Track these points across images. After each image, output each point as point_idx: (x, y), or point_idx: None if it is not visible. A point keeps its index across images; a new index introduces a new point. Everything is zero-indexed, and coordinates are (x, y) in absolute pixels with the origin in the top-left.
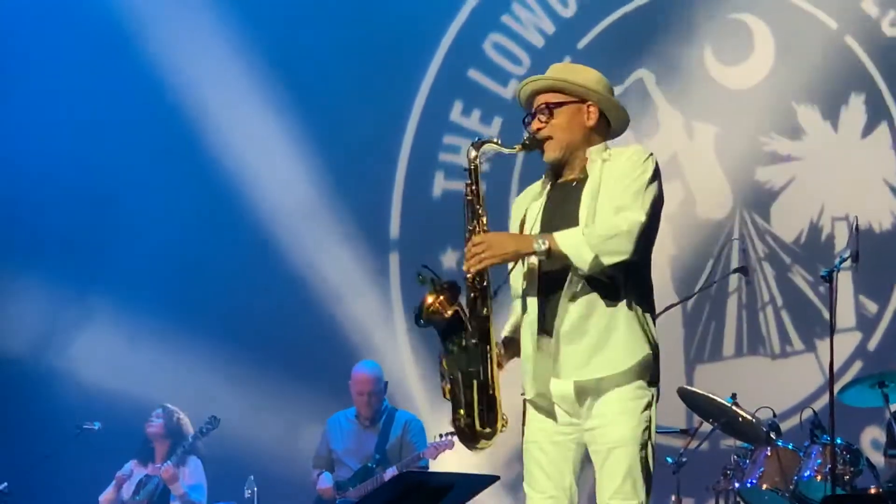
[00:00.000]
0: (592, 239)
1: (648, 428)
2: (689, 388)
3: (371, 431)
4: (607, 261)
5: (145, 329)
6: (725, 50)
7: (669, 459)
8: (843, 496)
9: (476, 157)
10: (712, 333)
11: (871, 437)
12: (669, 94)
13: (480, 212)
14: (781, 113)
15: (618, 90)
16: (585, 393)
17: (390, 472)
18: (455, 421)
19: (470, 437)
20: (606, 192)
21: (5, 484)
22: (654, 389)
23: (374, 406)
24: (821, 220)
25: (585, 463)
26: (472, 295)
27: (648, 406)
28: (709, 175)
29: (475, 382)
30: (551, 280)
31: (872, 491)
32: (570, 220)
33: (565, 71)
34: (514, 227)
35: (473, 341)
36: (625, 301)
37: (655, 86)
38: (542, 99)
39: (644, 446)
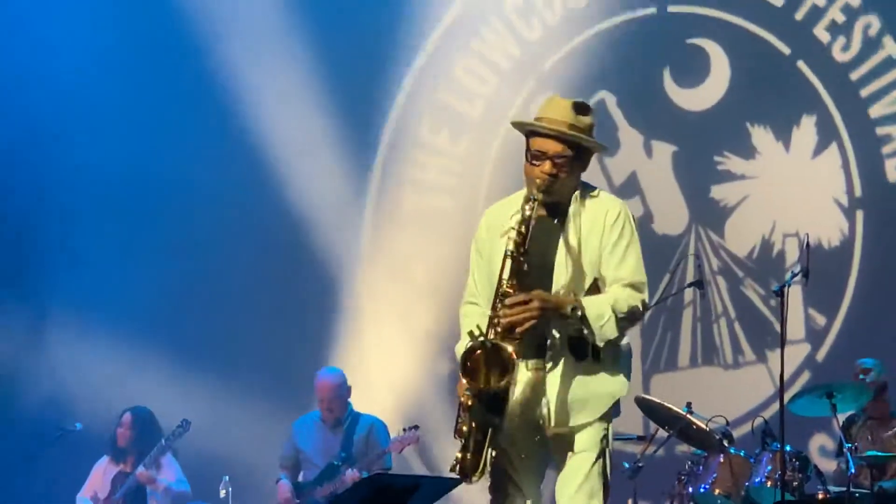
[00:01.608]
0: (619, 314)
1: (606, 436)
2: (645, 396)
3: (336, 433)
4: (622, 333)
5: (120, 333)
6: (683, 73)
7: (626, 465)
8: (792, 502)
9: (530, 216)
10: (668, 344)
11: (818, 445)
12: (629, 115)
13: (524, 265)
14: (736, 133)
15: None
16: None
17: (355, 471)
18: (461, 461)
19: (469, 474)
20: (608, 258)
21: None
22: (614, 406)
23: (338, 411)
24: (773, 236)
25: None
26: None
27: (608, 418)
28: (666, 192)
29: (490, 433)
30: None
31: (820, 496)
32: (547, 265)
33: (579, 119)
34: (485, 236)
35: (502, 397)
36: (606, 350)
37: (616, 107)
38: (560, 149)
39: (602, 454)
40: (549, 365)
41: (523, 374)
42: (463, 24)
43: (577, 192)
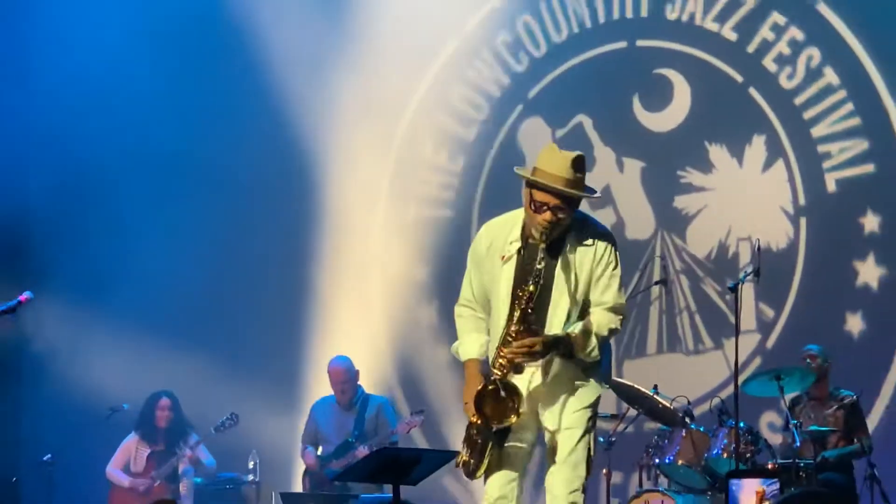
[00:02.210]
0: (601, 338)
1: (592, 418)
2: (618, 379)
3: (350, 413)
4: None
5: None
6: (650, 99)
7: (602, 439)
8: (744, 471)
9: (542, 271)
10: (638, 334)
11: (768, 421)
12: (604, 136)
13: (530, 314)
14: (696, 151)
15: (560, 132)
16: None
17: (367, 447)
18: (466, 464)
19: (472, 473)
20: (595, 286)
21: (49, 455)
22: (598, 397)
23: (350, 392)
24: (728, 240)
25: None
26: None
27: (594, 408)
28: (635, 202)
29: (490, 442)
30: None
31: (769, 466)
32: (546, 295)
33: (575, 175)
34: (484, 252)
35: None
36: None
37: (592, 129)
38: (559, 202)
39: (588, 433)
40: (542, 364)
41: (528, 371)
42: (459, 58)
43: (572, 227)
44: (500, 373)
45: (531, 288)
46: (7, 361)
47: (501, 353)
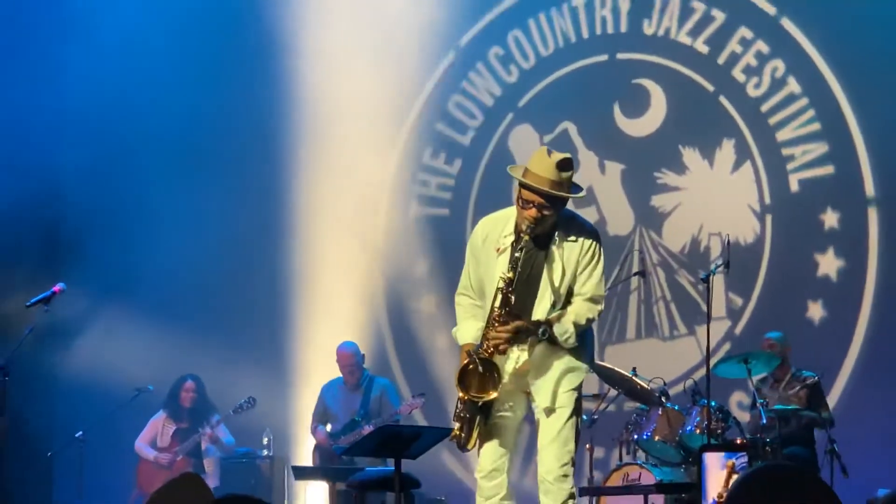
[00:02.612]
0: (579, 327)
1: (579, 399)
2: (600, 362)
3: (356, 394)
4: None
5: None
6: (629, 107)
7: (585, 417)
8: (715, 445)
9: (519, 259)
10: (618, 321)
11: (737, 401)
12: (587, 140)
13: (511, 298)
14: (671, 154)
15: (548, 138)
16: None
17: (372, 425)
18: (457, 437)
19: (463, 446)
20: (578, 277)
21: (81, 432)
22: (583, 380)
23: (356, 374)
24: (700, 235)
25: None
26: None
27: (580, 389)
28: (616, 201)
29: (477, 418)
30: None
31: (738, 441)
32: (534, 284)
33: (562, 176)
34: (480, 245)
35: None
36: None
37: (577, 134)
38: (540, 200)
39: (575, 412)
40: (529, 346)
41: (514, 352)
42: (456, 70)
43: (560, 223)
44: (486, 353)
45: (510, 274)
46: (42, 347)
47: (487, 336)
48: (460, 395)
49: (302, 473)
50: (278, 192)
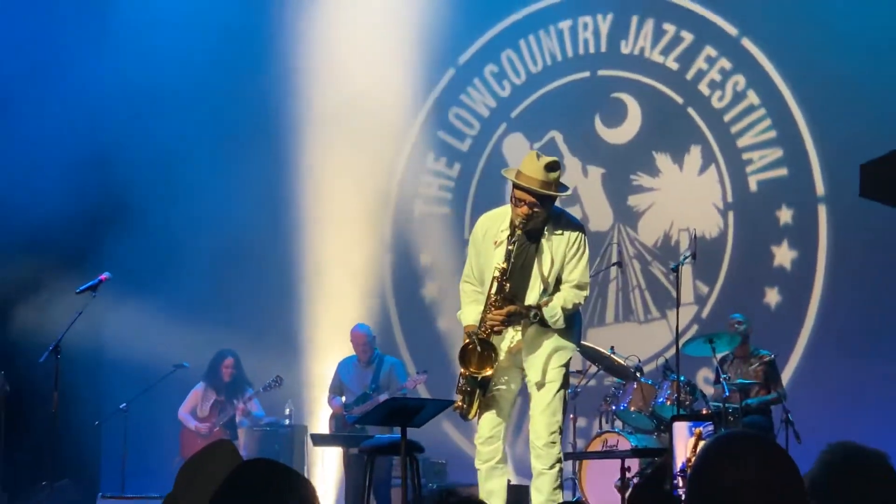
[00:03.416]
0: (566, 311)
1: (566, 374)
2: (583, 342)
3: (368, 370)
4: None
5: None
6: (609, 117)
7: (569, 391)
8: (684, 415)
9: (512, 251)
10: (598, 307)
11: (703, 376)
12: (572, 147)
13: (505, 285)
14: (645, 159)
15: (537, 145)
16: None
17: (382, 397)
18: (460, 408)
19: (465, 415)
20: (566, 266)
21: (125, 404)
22: (570, 358)
23: (368, 353)
24: (671, 231)
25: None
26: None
27: (568, 366)
28: (597, 201)
29: (477, 391)
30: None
31: (704, 412)
32: (527, 273)
33: (549, 176)
34: (480, 238)
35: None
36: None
37: (563, 142)
38: (531, 198)
39: (563, 387)
40: (523, 326)
41: (509, 333)
42: (455, 85)
43: (550, 219)
44: (484, 334)
45: (504, 265)
46: (90, 329)
47: (484, 319)
48: (462, 371)
49: (319, 440)
50: (302, 193)
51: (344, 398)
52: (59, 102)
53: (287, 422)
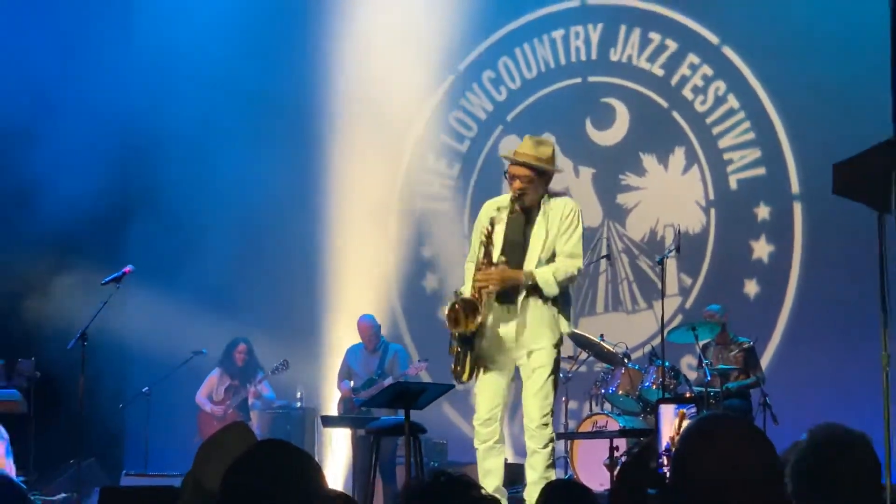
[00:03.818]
0: (559, 277)
1: (557, 358)
2: (575, 330)
3: (374, 356)
4: (562, 289)
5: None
6: (599, 120)
7: (561, 374)
8: (668, 398)
9: (493, 219)
10: (589, 297)
11: (687, 363)
12: (564, 149)
13: (491, 250)
14: (633, 160)
15: None
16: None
17: (387, 381)
18: (455, 371)
19: (459, 377)
20: (559, 238)
21: (147, 388)
22: (561, 342)
23: (374, 341)
24: (657, 227)
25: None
26: (476, 301)
27: (559, 349)
28: (588, 199)
29: (469, 353)
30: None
31: (687, 395)
32: (523, 246)
33: (539, 151)
34: (483, 221)
35: (473, 332)
36: (556, 301)
37: (555, 144)
38: (522, 171)
39: (554, 371)
40: (515, 307)
41: (500, 312)
42: (455, 90)
43: (546, 197)
44: (473, 294)
45: (488, 227)
46: (113, 317)
47: (474, 280)
48: (452, 333)
49: (328, 422)
50: (311, 193)
51: (352, 382)
52: (87, 94)
53: (298, 404)
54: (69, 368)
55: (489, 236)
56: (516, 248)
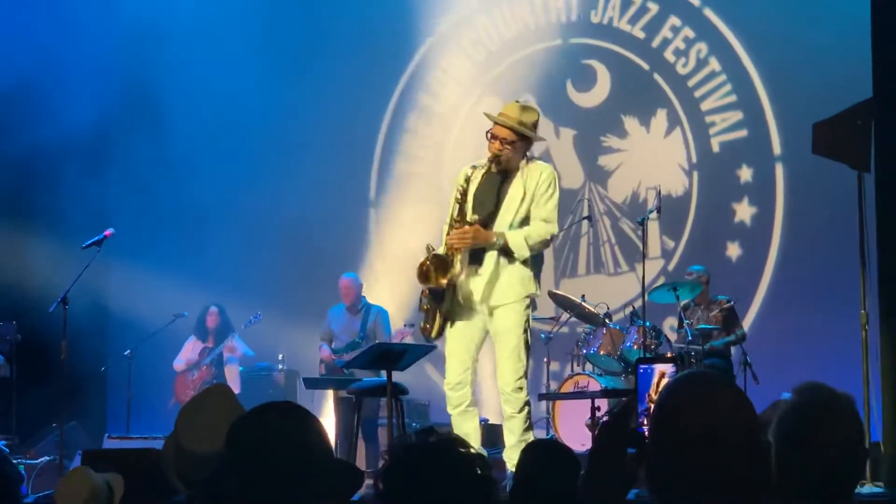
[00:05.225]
0: (530, 241)
1: (527, 319)
2: (556, 291)
3: (356, 317)
4: (534, 253)
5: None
6: (580, 82)
7: (543, 336)
8: (649, 358)
9: (469, 177)
10: (571, 258)
11: (669, 324)
12: (545, 110)
13: (465, 209)
14: (614, 122)
15: None
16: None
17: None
18: (424, 328)
19: (429, 334)
20: (536, 203)
21: (129, 351)
22: (531, 300)
23: (355, 300)
24: (639, 189)
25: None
26: (448, 257)
27: (528, 309)
28: (569, 161)
29: (438, 310)
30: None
31: (668, 355)
32: (496, 207)
33: (524, 116)
34: (460, 181)
35: (443, 288)
36: (526, 262)
37: (536, 105)
38: (504, 133)
39: (524, 331)
40: (484, 267)
41: (469, 271)
42: (434, 51)
43: (524, 162)
44: (446, 251)
45: (464, 185)
46: (95, 282)
47: (447, 238)
48: (423, 290)
49: (311, 383)
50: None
51: (333, 344)
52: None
53: (280, 366)
54: (51, 332)
55: (464, 194)
56: (486, 205)
